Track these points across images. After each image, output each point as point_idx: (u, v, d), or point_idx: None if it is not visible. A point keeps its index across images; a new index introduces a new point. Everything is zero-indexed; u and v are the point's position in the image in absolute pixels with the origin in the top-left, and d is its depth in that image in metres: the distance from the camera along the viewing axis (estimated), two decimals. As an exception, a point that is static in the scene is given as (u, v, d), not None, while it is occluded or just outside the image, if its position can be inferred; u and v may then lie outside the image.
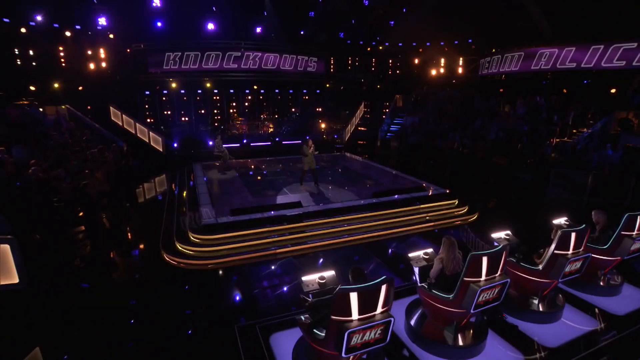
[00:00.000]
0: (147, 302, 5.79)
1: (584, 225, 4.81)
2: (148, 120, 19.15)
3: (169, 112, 20.15)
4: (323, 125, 21.96)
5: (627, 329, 4.88)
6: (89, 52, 17.98)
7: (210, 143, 17.08)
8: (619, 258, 5.53)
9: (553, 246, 4.65)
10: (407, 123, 19.86)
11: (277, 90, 22.84)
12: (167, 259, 7.30)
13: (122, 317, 5.33)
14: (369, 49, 26.60)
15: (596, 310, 5.36)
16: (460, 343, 4.36)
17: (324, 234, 8.29)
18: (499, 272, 4.05)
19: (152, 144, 16.06)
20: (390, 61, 27.31)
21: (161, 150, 16.00)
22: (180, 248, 7.61)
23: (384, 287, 3.23)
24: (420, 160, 15.99)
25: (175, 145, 16.80)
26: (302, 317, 3.62)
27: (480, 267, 3.89)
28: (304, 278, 4.24)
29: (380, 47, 26.86)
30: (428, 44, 25.73)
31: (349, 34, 25.94)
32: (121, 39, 18.30)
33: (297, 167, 14.27)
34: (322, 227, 8.44)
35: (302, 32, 24.06)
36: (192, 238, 7.87)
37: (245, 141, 18.41)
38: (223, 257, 7.30)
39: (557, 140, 13.28)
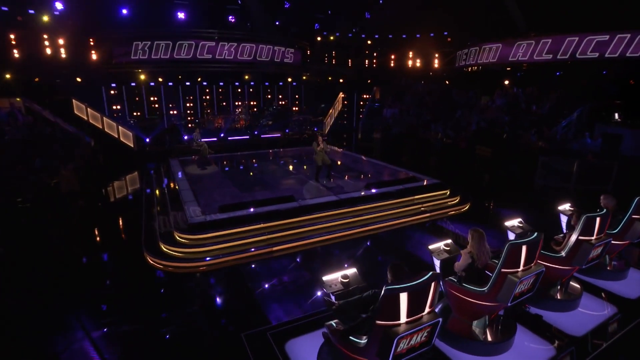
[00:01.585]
0: (134, 313, 5.13)
1: (605, 210, 4.70)
2: (134, 113, 17.81)
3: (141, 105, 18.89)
4: (301, 118, 21.49)
5: (643, 312, 4.86)
6: (46, 40, 16.38)
7: (186, 137, 16.15)
8: (627, 242, 5.52)
9: (577, 232, 4.49)
10: (387, 115, 19.77)
11: (252, 83, 22.06)
12: (152, 262, 6.62)
13: (106, 331, 4.67)
14: (345, 40, 26.22)
15: (603, 294, 5.32)
16: (490, 338, 4.11)
17: (321, 229, 7.88)
18: (534, 262, 3.81)
19: (122, 139, 14.92)
20: (367, 53, 27.10)
21: (132, 145, 14.89)
22: (166, 250, 6.93)
23: (432, 285, 2.87)
24: (404, 152, 15.91)
25: (148, 140, 15.71)
26: (333, 323, 3.20)
27: (519, 256, 3.63)
28: (325, 278, 3.82)
29: (357, 39, 26.59)
30: (404, 36, 25.72)
31: (324, 26, 25.46)
32: (82, 26, 16.80)
33: (285, 161, 13.93)
34: (320, 222, 8.02)
35: (277, 23, 23.32)
36: (178, 238, 7.21)
37: (222, 135, 17.57)
38: (215, 257, 6.71)
39: (538, 129, 13.55)
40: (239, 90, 22.08)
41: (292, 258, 6.86)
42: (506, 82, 18.66)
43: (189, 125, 18.26)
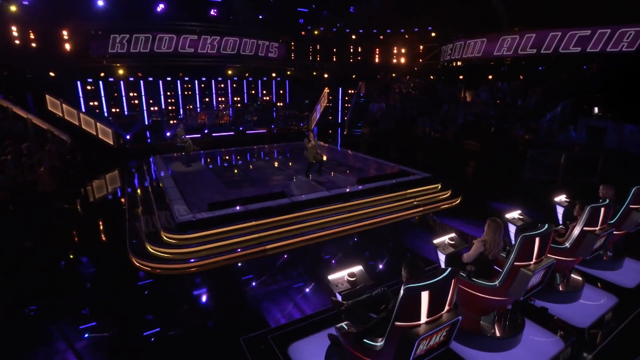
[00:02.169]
0: (120, 320, 4.79)
1: (607, 201, 4.67)
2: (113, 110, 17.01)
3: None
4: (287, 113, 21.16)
5: (643, 300, 4.88)
6: (15, 32, 15.44)
7: (169, 134, 15.59)
8: (625, 232, 5.54)
9: (582, 223, 4.44)
10: (374, 110, 19.68)
11: (235, 78, 21.55)
12: (138, 264, 6.25)
13: (90, 340, 4.32)
14: (329, 35, 25.98)
15: (599, 284, 5.34)
16: (498, 334, 4.01)
17: (315, 225, 7.66)
18: (545, 254, 3.71)
19: (100, 136, 14.23)
20: (352, 49, 26.93)
21: (112, 143, 14.24)
22: (152, 251, 6.57)
23: (453, 281, 2.70)
24: (392, 146, 15.85)
25: (128, 137, 15.07)
26: (344, 325, 2.98)
27: (532, 249, 3.51)
28: (331, 277, 3.61)
29: (341, 34, 26.37)
30: (388, 31, 25.68)
31: (309, 20, 25.13)
32: (54, 17, 15.90)
33: (272, 157, 13.63)
34: (313, 218, 7.80)
35: (260, 17, 22.82)
36: (166, 239, 6.86)
37: (206, 131, 17.07)
38: (206, 258, 6.40)
39: (524, 123, 13.72)
40: (222, 85, 21.54)
41: (286, 256, 6.61)
42: (490, 77, 18.85)
43: (171, 122, 17.66)
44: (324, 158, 10.08)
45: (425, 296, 2.54)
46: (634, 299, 4.92)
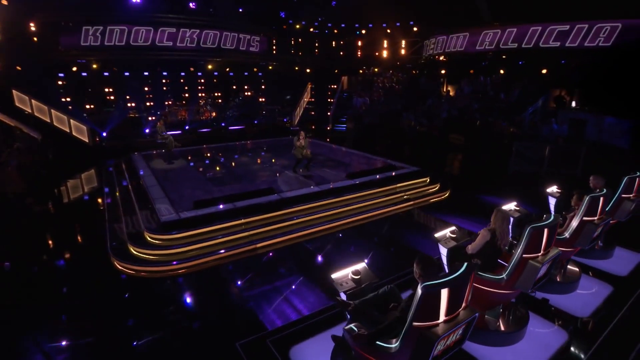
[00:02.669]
0: (104, 328, 4.45)
1: (605, 190, 4.67)
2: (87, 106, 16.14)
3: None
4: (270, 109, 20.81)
5: (638, 287, 4.92)
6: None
7: (147, 130, 14.98)
8: (616, 221, 5.60)
9: (581, 213, 4.41)
10: (357, 104, 19.57)
11: (216, 73, 20.97)
12: (121, 267, 5.88)
13: (71, 353, 3.98)
14: (311, 29, 25.67)
15: (590, 273, 5.39)
16: (503, 328, 3.93)
17: (306, 222, 7.45)
18: (552, 246, 3.64)
19: (74, 133, 13.50)
20: (334, 43, 26.72)
21: (87, 140, 13.53)
22: (136, 253, 6.20)
23: (471, 277, 2.56)
24: (377, 141, 15.80)
25: (105, 134, 14.37)
26: (354, 327, 2.80)
27: (540, 241, 3.42)
28: (334, 276, 3.42)
29: (323, 28, 26.12)
30: (370, 25, 25.60)
31: (290, 14, 24.73)
32: (20, 7, 14.95)
33: (257, 152, 13.28)
34: (304, 214, 7.59)
35: (241, 10, 22.27)
36: (150, 239, 6.49)
37: (187, 127, 16.52)
38: (193, 258, 6.08)
39: (507, 116, 13.91)
40: (202, 80, 20.93)
41: (277, 254, 6.38)
42: (472, 71, 19.07)
43: (149, 118, 16.99)
44: (308, 152, 9.90)
45: (444, 294, 2.39)
46: (629, 287, 4.97)
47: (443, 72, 20.83)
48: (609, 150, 10.60)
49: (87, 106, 16.90)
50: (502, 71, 18.09)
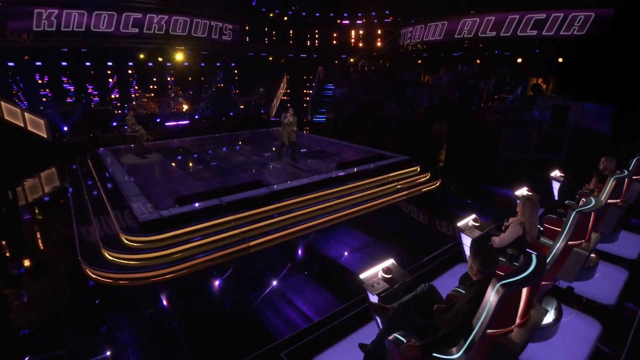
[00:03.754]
0: (81, 350, 3.77)
1: (625, 172, 4.47)
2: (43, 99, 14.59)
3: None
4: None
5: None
6: None
7: (115, 124, 13.82)
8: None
9: (606, 195, 4.18)
10: (336, 95, 19.15)
11: (186, 64, 19.81)
12: (95, 275, 5.14)
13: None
14: (285, 18, 24.86)
15: (594, 255, 5.23)
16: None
17: (299, 216, 6.94)
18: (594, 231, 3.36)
19: (30, 128, 12.16)
20: (309, 33, 26.06)
21: (45, 136, 12.24)
22: (112, 258, 5.46)
23: (544, 270, 2.17)
24: (359, 130, 15.47)
25: (66, 128, 13.08)
26: (400, 337, 2.34)
27: (586, 226, 3.11)
28: (363, 276, 2.95)
29: (297, 17, 25.38)
30: (345, 14, 25.15)
31: (263, 2, 23.79)
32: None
33: (237, 145, 12.57)
34: (296, 208, 7.07)
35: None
36: (127, 242, 5.75)
37: (158, 120, 15.43)
38: (179, 262, 5.42)
39: (490, 104, 13.95)
40: (172, 71, 19.71)
41: (272, 253, 5.84)
42: (449, 60, 19.10)
43: (116, 112, 15.74)
44: (294, 136, 9.47)
45: (524, 293, 1.98)
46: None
47: (419, 62, 20.77)
48: (591, 136, 10.78)
49: (43, 99, 15.40)
50: (478, 61, 18.22)
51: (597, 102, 11.21)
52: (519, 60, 16.76)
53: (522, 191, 5.15)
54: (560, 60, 15.15)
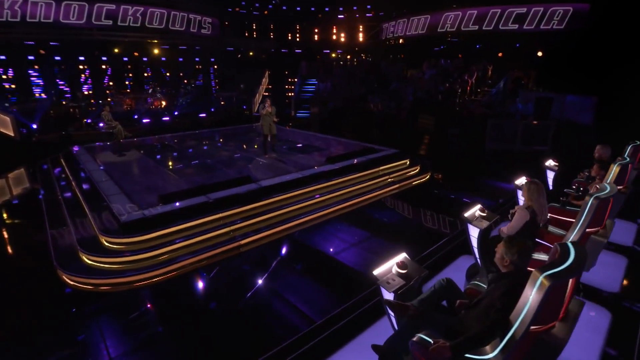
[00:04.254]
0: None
1: (627, 158, 4.43)
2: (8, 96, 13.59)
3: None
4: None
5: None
6: None
7: (89, 121, 13.10)
8: (618, 191, 5.50)
9: (610, 181, 4.11)
10: (320, 89, 18.91)
11: (163, 59, 19.08)
12: (73, 282, 4.72)
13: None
14: (266, 12, 24.36)
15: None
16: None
17: (291, 212, 6.67)
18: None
19: (-5, 126, 11.35)
20: (290, 27, 25.65)
21: (12, 134, 11.43)
22: (91, 262, 5.04)
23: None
24: (344, 125, 15.30)
25: (35, 126, 12.27)
26: (425, 337, 2.13)
27: (604, 213, 2.99)
28: (377, 272, 2.72)
29: (278, 12, 24.92)
30: (327, 9, 24.88)
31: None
32: None
33: (219, 141, 12.14)
34: (288, 204, 6.80)
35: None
36: (108, 244, 5.33)
37: (136, 117, 14.76)
38: (166, 264, 5.05)
39: (474, 97, 14.03)
40: (149, 67, 18.94)
41: (266, 251, 5.56)
42: (432, 55, 19.16)
43: (90, 108, 14.93)
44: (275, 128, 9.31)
45: (570, 285, 1.80)
46: (636, 257, 4.86)
47: (401, 56, 20.78)
48: (574, 127, 10.97)
49: (8, 96, 14.42)
50: (460, 55, 18.35)
51: (578, 94, 11.43)
52: (500, 54, 17.00)
53: (522, 180, 5.06)
54: (540, 54, 15.43)
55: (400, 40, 20.06)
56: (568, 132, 10.77)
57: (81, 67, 16.45)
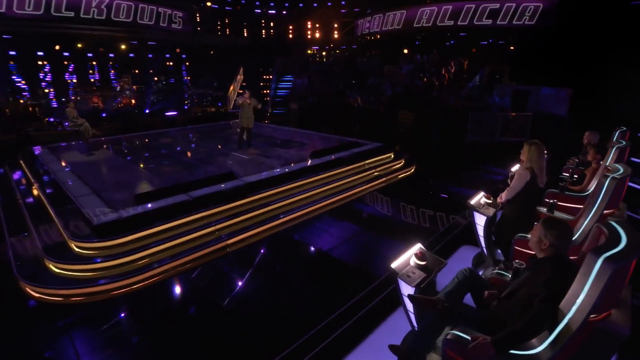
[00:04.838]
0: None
1: (623, 142, 4.42)
2: None
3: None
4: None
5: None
6: None
7: (52, 119, 12.15)
8: (607, 176, 5.55)
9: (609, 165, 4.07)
10: (297, 86, 18.60)
11: (132, 55, 18.11)
12: (37, 294, 4.19)
13: None
14: (238, 7, 23.71)
15: None
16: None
17: (278, 209, 6.35)
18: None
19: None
20: (264, 22, 25.11)
21: (-38, 135, 10.39)
22: (59, 270, 4.51)
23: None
24: (323, 120, 15.08)
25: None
26: (461, 334, 1.89)
27: (620, 193, 2.88)
28: (394, 265, 2.47)
29: (250, 7, 24.32)
30: (301, 5, 24.54)
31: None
32: None
33: (194, 139, 11.58)
34: (275, 201, 6.47)
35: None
36: (78, 250, 4.81)
37: (104, 115, 13.87)
38: (145, 269, 4.60)
39: (452, 91, 14.16)
40: (117, 64, 17.90)
41: (255, 250, 5.22)
42: (405, 51, 19.27)
43: (53, 105, 13.91)
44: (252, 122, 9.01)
45: (631, 268, 1.61)
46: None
47: (373, 52, 20.79)
48: (550, 119, 11.23)
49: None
50: (435, 50, 18.54)
51: (552, 86, 11.73)
52: (474, 50, 17.30)
53: (517, 167, 4.99)
54: (512, 48, 15.82)
55: (377, 36, 20.02)
56: (545, 123, 11.01)
57: (40, 62, 15.28)
